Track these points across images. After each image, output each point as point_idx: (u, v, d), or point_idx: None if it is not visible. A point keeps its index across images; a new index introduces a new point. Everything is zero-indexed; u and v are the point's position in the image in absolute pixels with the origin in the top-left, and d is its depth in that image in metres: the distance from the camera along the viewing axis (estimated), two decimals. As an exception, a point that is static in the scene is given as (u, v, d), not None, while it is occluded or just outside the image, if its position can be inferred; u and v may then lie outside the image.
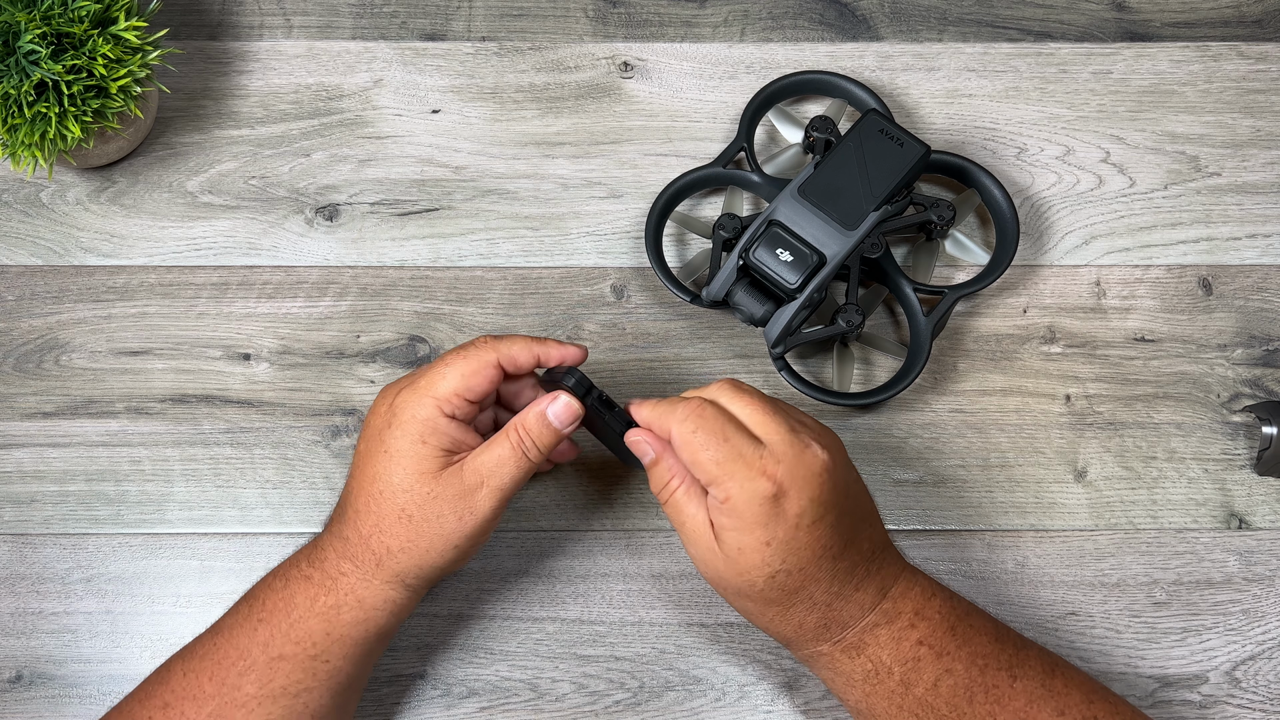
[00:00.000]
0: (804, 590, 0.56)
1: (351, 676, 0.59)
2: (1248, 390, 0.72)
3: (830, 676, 0.59)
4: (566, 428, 0.59)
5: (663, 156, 0.77)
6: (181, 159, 0.76)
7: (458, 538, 0.58)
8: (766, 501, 0.54)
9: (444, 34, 0.79)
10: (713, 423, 0.55)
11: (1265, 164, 0.76)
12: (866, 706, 0.58)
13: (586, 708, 0.66)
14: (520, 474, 0.59)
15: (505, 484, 0.58)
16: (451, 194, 0.76)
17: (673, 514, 0.58)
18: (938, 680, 0.56)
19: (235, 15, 0.80)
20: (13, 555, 0.68)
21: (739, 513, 0.54)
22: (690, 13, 0.80)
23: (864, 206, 0.68)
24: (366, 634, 0.59)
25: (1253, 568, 0.68)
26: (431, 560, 0.58)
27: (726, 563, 0.56)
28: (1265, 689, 0.66)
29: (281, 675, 0.57)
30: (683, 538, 0.58)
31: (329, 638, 0.58)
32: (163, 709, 0.57)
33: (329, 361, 0.72)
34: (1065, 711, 0.56)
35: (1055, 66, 0.79)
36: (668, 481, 0.58)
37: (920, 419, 0.71)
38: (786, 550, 0.55)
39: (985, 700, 0.56)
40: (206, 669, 0.57)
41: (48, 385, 0.71)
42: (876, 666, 0.57)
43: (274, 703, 0.57)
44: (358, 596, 0.58)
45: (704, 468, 0.55)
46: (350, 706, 0.61)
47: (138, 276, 0.74)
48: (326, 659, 0.58)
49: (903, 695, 0.56)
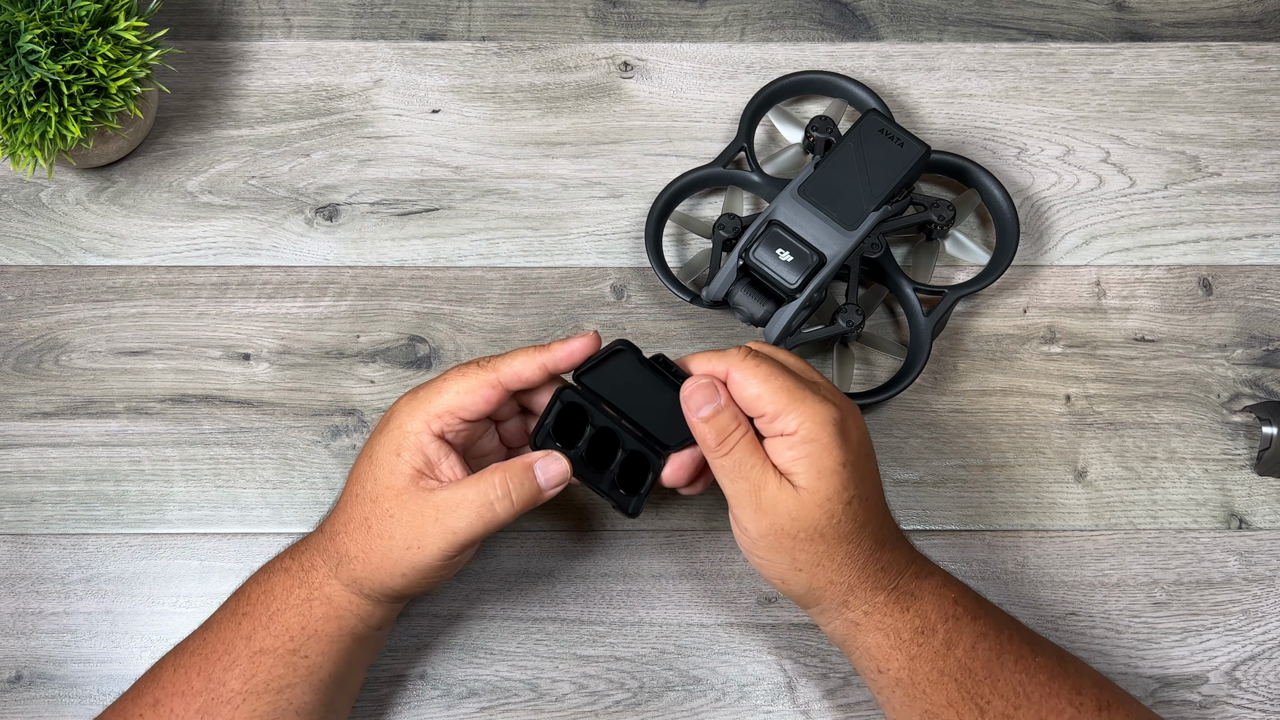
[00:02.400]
0: (870, 524, 0.56)
1: (333, 675, 0.59)
2: (1248, 390, 0.72)
3: (877, 641, 0.57)
4: (552, 489, 0.57)
5: (663, 156, 0.77)
6: (181, 159, 0.76)
7: (405, 566, 0.56)
8: (836, 425, 0.55)
9: (444, 34, 0.79)
10: (770, 361, 0.56)
11: (1265, 164, 0.76)
12: (909, 673, 0.57)
13: (586, 708, 0.66)
14: (480, 525, 0.56)
15: (459, 530, 0.56)
16: (451, 194, 0.76)
17: (734, 463, 0.56)
18: (975, 643, 0.56)
19: (235, 15, 0.80)
20: (13, 555, 0.68)
21: (814, 437, 0.55)
22: (690, 13, 0.80)
23: (864, 206, 0.68)
24: (339, 631, 0.58)
25: (1253, 568, 0.68)
26: (382, 579, 0.57)
27: (804, 498, 0.55)
28: (1265, 689, 0.66)
29: (264, 670, 0.57)
30: (741, 487, 0.56)
31: (304, 632, 0.58)
32: (153, 706, 0.57)
33: (329, 361, 0.72)
34: (1081, 690, 0.57)
35: (1055, 66, 0.79)
36: (732, 431, 0.56)
37: (920, 419, 0.71)
38: (858, 475, 0.56)
39: (1015, 669, 0.56)
40: (195, 664, 0.58)
41: (48, 385, 0.71)
42: (924, 622, 0.57)
43: (258, 699, 0.57)
44: (325, 593, 0.58)
45: (770, 399, 0.55)
46: (340, 706, 0.61)
47: (137, 276, 0.74)
48: (305, 654, 0.57)
49: (945, 657, 0.56)
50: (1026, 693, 0.56)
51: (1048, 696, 0.56)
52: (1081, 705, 0.56)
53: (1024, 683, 0.56)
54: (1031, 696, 0.56)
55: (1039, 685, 0.56)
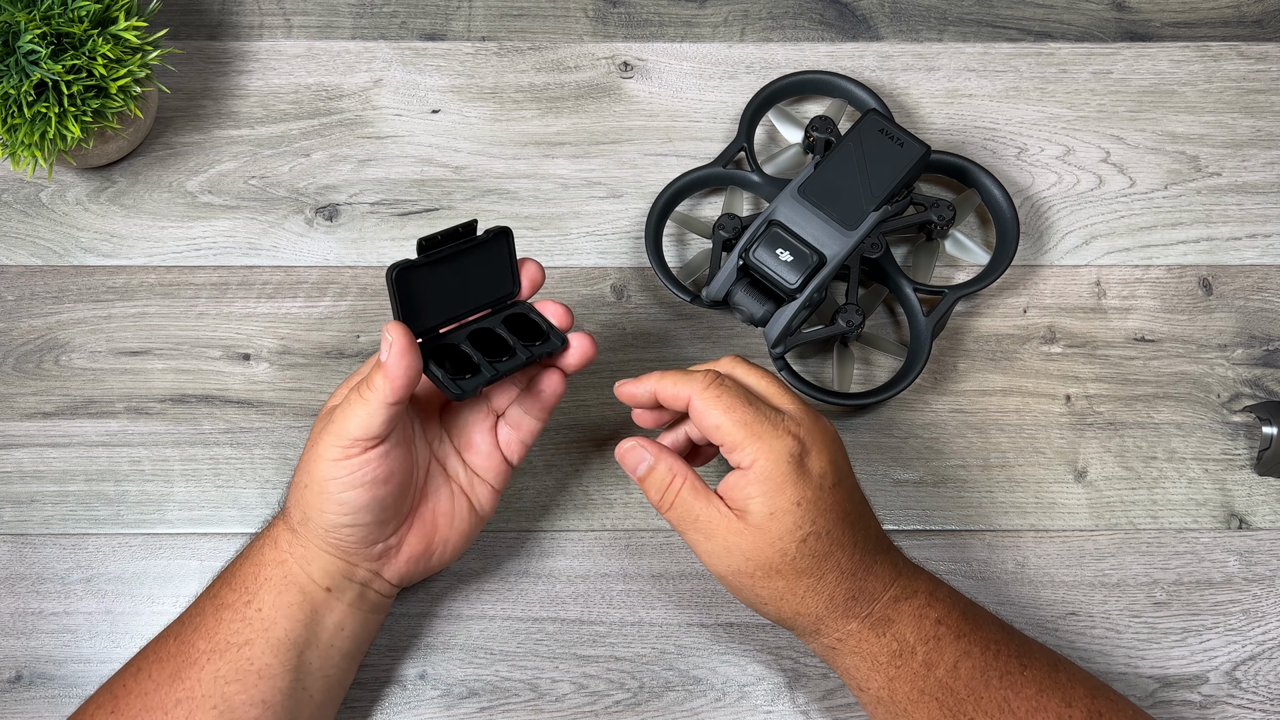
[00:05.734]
0: (832, 557, 0.56)
1: (289, 636, 0.58)
2: (1248, 390, 0.72)
3: (855, 663, 0.58)
4: (394, 360, 0.54)
5: (663, 156, 0.77)
6: (181, 159, 0.76)
7: (306, 476, 0.57)
8: (794, 460, 0.55)
9: (444, 34, 0.79)
10: (734, 389, 0.56)
11: (1265, 164, 0.76)
12: (889, 693, 0.57)
13: (586, 708, 0.66)
14: (360, 416, 0.55)
15: (338, 424, 0.55)
16: (451, 194, 0.76)
17: (680, 514, 0.57)
18: (957, 662, 0.56)
19: (235, 15, 0.80)
20: (13, 555, 0.68)
21: (767, 475, 0.55)
22: (690, 13, 0.80)
23: (864, 206, 0.68)
24: (285, 579, 0.58)
25: (1253, 568, 0.68)
26: (301, 499, 0.57)
27: (756, 536, 0.55)
28: (1265, 689, 0.66)
29: (224, 626, 0.58)
30: (694, 536, 0.57)
31: (256, 580, 0.59)
32: (134, 674, 0.59)
33: (329, 361, 0.72)
34: (1073, 703, 0.56)
35: (1055, 66, 0.79)
36: (670, 483, 0.57)
37: (920, 419, 0.71)
38: (815, 510, 0.55)
39: (1000, 685, 0.56)
40: (173, 631, 0.60)
41: (48, 385, 0.71)
42: (901, 646, 0.57)
43: (220, 657, 0.57)
44: (273, 535, 0.60)
45: (729, 431, 0.55)
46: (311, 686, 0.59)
47: (137, 276, 0.74)
48: (259, 606, 0.58)
49: (925, 677, 0.56)
50: (1012, 709, 0.55)
51: (1034, 711, 0.55)
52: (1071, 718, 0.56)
53: (1009, 699, 0.56)
54: (1017, 712, 0.55)
55: (1025, 700, 0.56)
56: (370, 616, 0.62)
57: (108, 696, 0.59)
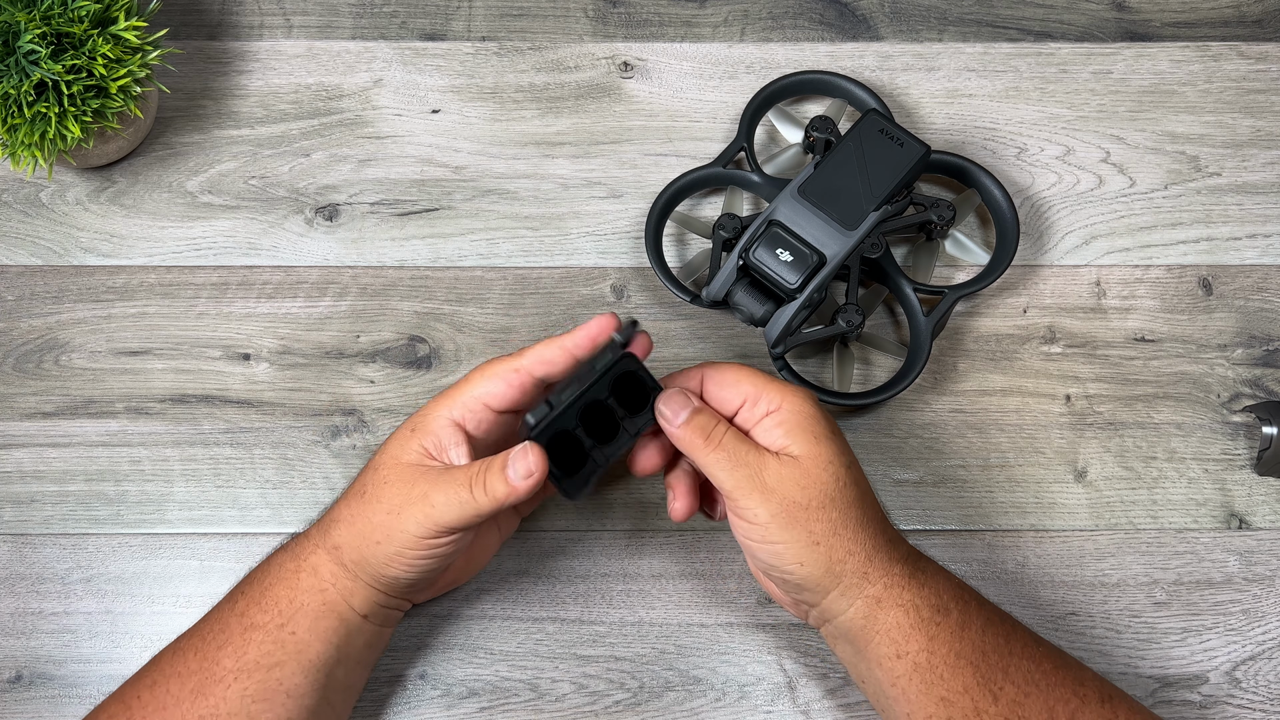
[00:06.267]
0: (868, 496, 0.58)
1: (322, 658, 0.58)
2: (1248, 390, 0.72)
3: (898, 620, 0.56)
4: (522, 482, 0.54)
5: (663, 156, 0.77)
6: (181, 159, 0.76)
7: (381, 533, 0.56)
8: (814, 400, 0.58)
9: (444, 34, 0.79)
10: (735, 362, 0.59)
11: (1265, 164, 0.76)
12: (928, 656, 0.55)
13: (586, 708, 0.66)
14: (457, 506, 0.55)
15: (436, 504, 0.55)
16: (451, 194, 0.76)
17: (730, 453, 0.56)
18: (985, 626, 0.56)
19: (235, 15, 0.80)
20: (13, 555, 0.68)
21: (798, 409, 0.57)
22: (690, 13, 0.80)
23: (864, 206, 0.68)
24: (323, 606, 0.58)
25: (1253, 568, 0.68)
26: (359, 545, 0.57)
27: (807, 465, 0.56)
28: (1265, 689, 0.66)
29: (254, 646, 0.57)
30: (743, 473, 0.56)
31: (292, 605, 0.58)
32: (150, 687, 0.58)
33: (329, 361, 0.72)
34: (1084, 682, 0.57)
35: (1055, 66, 0.79)
36: (715, 425, 0.57)
37: (920, 419, 0.71)
38: (845, 447, 0.58)
39: (1023, 655, 0.56)
40: (193, 645, 0.59)
41: (48, 385, 0.71)
42: (939, 600, 0.56)
43: (249, 676, 0.57)
44: (312, 563, 0.59)
45: (750, 381, 0.58)
46: (336, 703, 0.60)
47: (137, 276, 0.74)
48: (293, 630, 0.58)
49: (960, 638, 0.56)
50: (1034, 680, 0.56)
51: (1054, 685, 0.56)
52: (1085, 697, 0.56)
53: (1032, 670, 0.56)
54: (1040, 684, 0.55)
55: (1045, 674, 0.56)
56: (391, 629, 0.63)
57: (120, 706, 0.58)
